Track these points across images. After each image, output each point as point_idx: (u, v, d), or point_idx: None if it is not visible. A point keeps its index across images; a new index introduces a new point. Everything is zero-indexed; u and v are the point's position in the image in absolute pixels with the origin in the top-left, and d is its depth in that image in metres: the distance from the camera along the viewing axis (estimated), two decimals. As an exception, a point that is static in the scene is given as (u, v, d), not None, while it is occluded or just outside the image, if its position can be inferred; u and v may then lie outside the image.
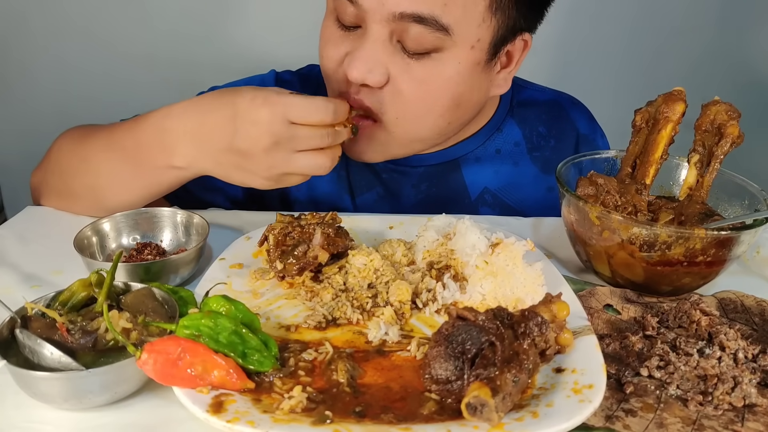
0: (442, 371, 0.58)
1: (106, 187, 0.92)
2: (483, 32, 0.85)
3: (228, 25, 2.13)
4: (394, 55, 0.85)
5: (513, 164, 1.10)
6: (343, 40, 0.87)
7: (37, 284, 0.80)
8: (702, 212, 0.84)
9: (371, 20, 0.82)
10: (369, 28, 0.83)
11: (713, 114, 0.84)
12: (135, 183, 0.89)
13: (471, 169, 1.08)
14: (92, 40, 2.11)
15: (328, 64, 0.90)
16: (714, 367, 0.63)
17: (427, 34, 0.82)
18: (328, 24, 0.89)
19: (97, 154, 0.92)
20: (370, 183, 1.09)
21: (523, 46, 0.94)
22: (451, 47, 0.84)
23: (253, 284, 0.78)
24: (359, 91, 0.87)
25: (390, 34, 0.83)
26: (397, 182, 1.08)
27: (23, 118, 2.18)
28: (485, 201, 1.10)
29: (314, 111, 0.77)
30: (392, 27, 0.82)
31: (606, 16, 2.15)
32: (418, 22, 0.81)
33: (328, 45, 0.89)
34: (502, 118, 1.09)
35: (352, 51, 0.85)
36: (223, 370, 0.57)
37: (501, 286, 0.74)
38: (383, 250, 0.83)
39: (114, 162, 0.90)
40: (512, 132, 1.10)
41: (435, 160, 1.07)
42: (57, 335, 0.59)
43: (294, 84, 1.12)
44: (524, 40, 0.93)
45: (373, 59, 0.84)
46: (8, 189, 2.16)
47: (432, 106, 0.89)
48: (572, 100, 1.18)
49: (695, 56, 2.22)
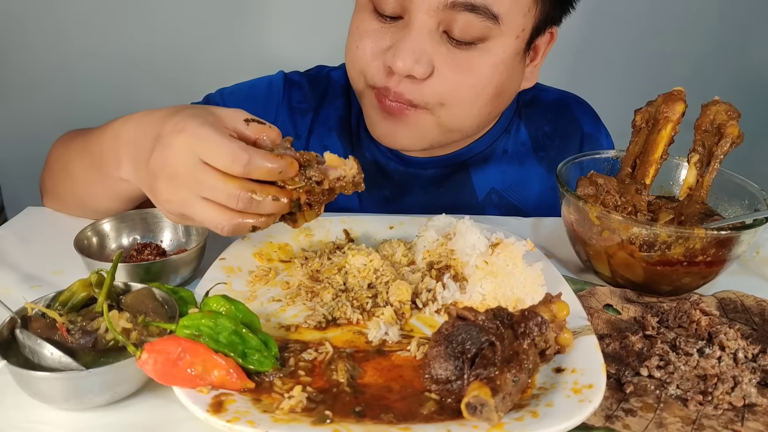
0: (441, 371, 0.58)
1: (81, 193, 0.91)
2: (527, 22, 0.86)
3: (236, 26, 2.13)
4: (440, 45, 0.84)
5: (519, 164, 1.10)
6: (384, 32, 0.86)
7: (38, 284, 0.80)
8: (702, 212, 0.84)
9: (418, 10, 0.81)
10: (414, 18, 0.82)
11: (713, 114, 0.85)
12: (100, 190, 0.86)
13: (479, 170, 1.09)
14: (92, 41, 2.11)
15: (363, 57, 0.88)
16: (714, 366, 0.63)
17: (477, 22, 0.81)
18: (363, 17, 0.88)
19: (73, 158, 0.90)
20: (379, 184, 1.09)
21: (549, 38, 0.95)
22: (497, 36, 0.84)
23: (254, 285, 0.78)
24: (400, 83, 0.86)
25: (437, 25, 0.82)
26: (406, 184, 1.08)
27: (24, 119, 2.19)
28: (492, 201, 1.10)
29: (222, 154, 0.64)
30: (440, 17, 0.81)
31: (608, 16, 2.15)
32: (470, 11, 0.80)
33: (366, 37, 0.88)
34: (509, 118, 1.09)
35: (397, 42, 0.84)
36: (223, 369, 0.57)
37: (501, 286, 0.74)
38: (383, 250, 0.83)
39: (84, 168, 0.87)
40: (519, 132, 1.11)
41: (445, 162, 1.07)
42: (57, 335, 0.59)
43: (303, 83, 1.11)
44: (551, 32, 0.94)
45: (420, 50, 0.83)
46: (8, 189, 2.16)
47: (479, 94, 0.89)
48: (577, 100, 1.19)
49: (696, 56, 2.22)
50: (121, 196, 0.85)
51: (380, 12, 0.85)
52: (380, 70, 0.87)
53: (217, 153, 0.64)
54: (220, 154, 0.64)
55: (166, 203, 0.69)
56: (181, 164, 0.66)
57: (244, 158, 0.64)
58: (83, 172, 0.88)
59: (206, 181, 0.65)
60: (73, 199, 0.93)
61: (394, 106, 0.88)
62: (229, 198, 0.65)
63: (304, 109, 1.10)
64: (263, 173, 0.65)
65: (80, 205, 0.93)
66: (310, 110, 1.10)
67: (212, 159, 0.65)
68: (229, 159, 0.64)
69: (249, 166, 0.64)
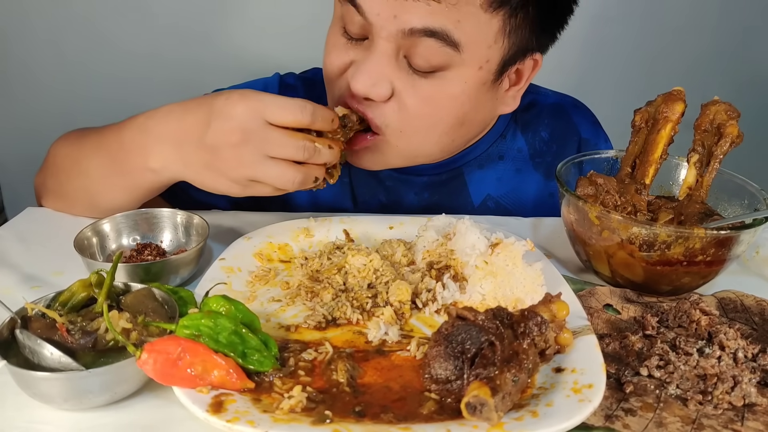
0: (441, 371, 0.58)
1: (96, 189, 0.91)
2: (493, 53, 0.84)
3: (232, 27, 2.13)
4: (400, 70, 0.83)
5: (515, 170, 1.10)
6: (349, 48, 0.86)
7: (38, 285, 0.80)
8: (701, 212, 0.84)
9: (378, 35, 0.81)
10: (376, 42, 0.81)
11: (712, 114, 0.85)
12: (118, 184, 0.88)
13: (474, 176, 1.08)
14: (93, 40, 2.11)
15: (331, 72, 0.89)
16: (714, 366, 0.63)
17: (436, 48, 0.80)
18: (335, 31, 0.88)
19: (87, 155, 0.92)
20: (373, 190, 1.08)
21: (533, 65, 0.92)
22: (459, 65, 0.82)
23: (253, 285, 0.78)
24: (362, 102, 0.85)
25: (397, 50, 0.81)
26: (400, 190, 1.08)
27: (24, 119, 2.19)
28: (488, 208, 1.10)
29: (290, 109, 0.73)
30: (400, 43, 0.81)
31: (607, 16, 2.15)
32: (429, 36, 0.79)
33: (332, 52, 0.88)
34: (505, 123, 1.08)
35: (358, 62, 0.84)
36: (223, 369, 0.57)
37: (501, 286, 0.74)
38: (383, 250, 0.83)
39: (101, 163, 0.89)
40: (515, 138, 1.09)
41: (439, 169, 1.06)
42: (57, 335, 0.59)
43: (298, 87, 1.11)
44: (534, 59, 0.91)
45: (378, 73, 0.82)
46: (8, 189, 2.16)
47: (436, 123, 0.88)
48: (575, 104, 1.17)
49: (695, 56, 2.22)
50: (142, 188, 0.87)
51: (347, 31, 0.85)
52: (344, 88, 0.87)
53: (285, 109, 0.73)
54: (288, 108, 0.73)
55: (232, 171, 0.75)
56: (248, 128, 0.73)
57: (310, 108, 0.74)
58: (99, 168, 0.89)
59: (274, 140, 0.73)
60: (85, 195, 0.93)
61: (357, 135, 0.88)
62: (297, 150, 0.74)
63: None
64: (325, 121, 0.76)
65: (91, 202, 0.93)
66: None
67: (280, 116, 0.73)
68: (298, 110, 0.73)
69: (314, 115, 0.74)
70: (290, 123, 0.74)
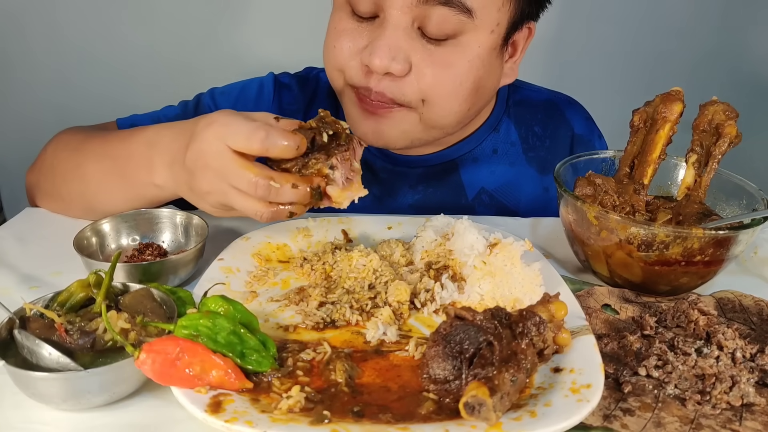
0: (440, 371, 0.58)
1: (94, 194, 0.91)
2: (502, 16, 0.87)
3: (228, 27, 2.14)
4: (415, 41, 0.84)
5: (509, 164, 1.10)
6: (360, 31, 0.86)
7: (36, 285, 0.80)
8: (700, 212, 0.84)
9: (391, 7, 0.82)
10: (389, 16, 0.82)
11: (711, 114, 0.85)
12: (120, 194, 0.88)
13: (468, 170, 1.09)
14: (92, 41, 2.11)
15: (341, 56, 0.89)
16: (712, 366, 0.63)
17: (450, 16, 0.82)
18: (341, 16, 0.89)
19: (89, 160, 0.91)
20: (367, 183, 1.08)
21: (528, 33, 0.95)
22: (472, 31, 0.85)
23: (252, 285, 0.78)
24: (380, 82, 0.86)
25: (411, 21, 0.83)
26: (394, 183, 1.08)
27: (23, 119, 2.19)
28: (482, 201, 1.10)
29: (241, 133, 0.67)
30: (414, 13, 0.82)
31: (605, 16, 2.15)
32: (443, 5, 0.81)
33: (342, 37, 0.88)
34: (499, 117, 1.09)
35: (373, 40, 0.84)
36: (222, 370, 0.57)
37: (499, 286, 0.74)
38: (381, 250, 0.83)
39: (104, 170, 0.89)
40: (509, 132, 1.10)
41: (434, 161, 1.06)
42: (55, 336, 0.59)
43: (292, 86, 1.12)
44: (529, 27, 0.94)
45: (395, 47, 0.83)
46: (8, 189, 2.16)
47: (458, 89, 0.89)
48: (569, 100, 1.18)
49: (694, 56, 2.22)
50: (144, 199, 0.87)
51: (356, 11, 0.86)
52: (359, 70, 0.87)
53: (237, 134, 0.68)
54: (240, 133, 0.67)
55: (207, 195, 0.73)
56: (211, 154, 0.69)
57: (261, 134, 0.67)
58: (101, 175, 0.89)
59: (231, 170, 0.68)
60: (83, 199, 0.93)
61: (377, 105, 0.88)
62: (249, 185, 0.68)
63: (293, 111, 1.10)
64: (283, 149, 0.68)
65: (88, 207, 0.93)
66: (299, 111, 1.10)
67: (233, 141, 0.68)
68: (246, 136, 0.67)
69: (267, 142, 0.67)
70: (242, 148, 0.68)
